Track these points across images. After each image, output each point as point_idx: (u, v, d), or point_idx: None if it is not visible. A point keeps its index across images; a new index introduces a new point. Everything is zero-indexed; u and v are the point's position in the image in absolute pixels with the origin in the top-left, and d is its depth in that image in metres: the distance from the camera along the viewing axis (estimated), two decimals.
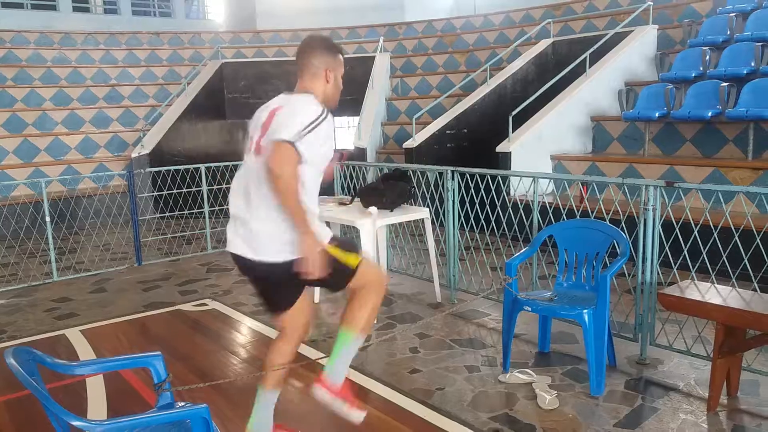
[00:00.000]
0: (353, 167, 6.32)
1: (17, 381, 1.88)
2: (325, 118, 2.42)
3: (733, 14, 7.92)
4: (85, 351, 4.23)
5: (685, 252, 3.63)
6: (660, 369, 3.62)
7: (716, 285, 3.28)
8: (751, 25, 7.60)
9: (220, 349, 4.26)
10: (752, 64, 6.91)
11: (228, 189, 2.63)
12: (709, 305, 3.05)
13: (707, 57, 7.35)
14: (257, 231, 2.45)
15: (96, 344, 4.35)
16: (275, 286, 2.58)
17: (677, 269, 3.71)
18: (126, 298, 5.46)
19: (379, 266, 2.78)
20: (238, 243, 2.52)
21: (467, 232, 5.05)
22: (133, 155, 9.47)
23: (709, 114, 6.54)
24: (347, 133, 11.66)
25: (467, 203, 4.95)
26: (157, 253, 7.10)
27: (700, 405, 3.18)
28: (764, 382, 3.38)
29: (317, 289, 5.09)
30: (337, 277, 2.54)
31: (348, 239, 2.66)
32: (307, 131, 2.33)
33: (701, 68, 7.34)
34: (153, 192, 8.21)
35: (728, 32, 7.77)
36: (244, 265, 2.54)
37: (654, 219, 3.62)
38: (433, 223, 4.92)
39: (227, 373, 3.82)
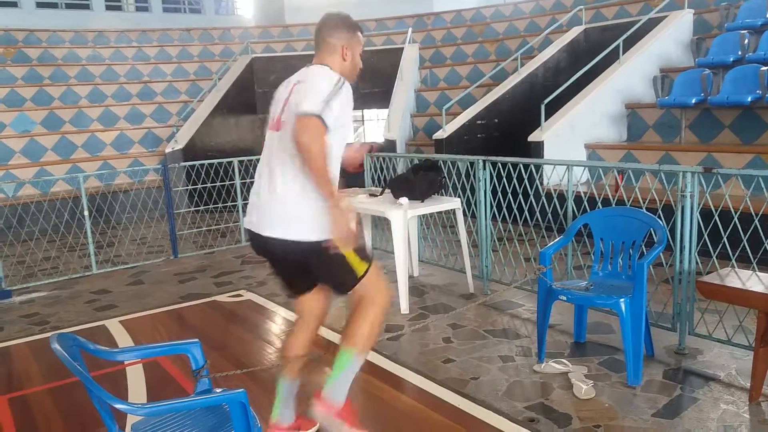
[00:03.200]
0: (383, 159, 6.32)
1: (61, 369, 1.93)
2: (344, 84, 2.39)
3: None
4: (124, 340, 4.34)
5: (725, 239, 3.55)
6: (699, 359, 3.55)
7: (758, 272, 3.20)
8: None
9: (256, 339, 4.33)
10: None
11: None
12: (750, 293, 2.98)
13: (746, 41, 7.15)
14: (283, 209, 2.39)
15: (135, 334, 4.45)
16: (299, 266, 2.50)
17: (716, 258, 3.63)
18: (163, 290, 5.58)
19: (385, 279, 2.69)
20: (257, 221, 2.46)
21: (499, 223, 5.02)
22: (167, 150, 9.64)
23: (749, 99, 6.36)
24: (377, 125, 11.66)
25: (499, 193, 4.91)
26: (192, 245, 7.23)
27: (741, 395, 3.11)
28: None
29: None
30: (344, 280, 2.46)
31: (363, 244, 2.57)
32: (329, 100, 2.29)
33: (740, 52, 7.14)
34: (187, 186, 8.34)
35: None
36: (264, 243, 2.47)
37: (692, 206, 3.54)
38: (464, 213, 4.89)
39: (262, 361, 3.88)
